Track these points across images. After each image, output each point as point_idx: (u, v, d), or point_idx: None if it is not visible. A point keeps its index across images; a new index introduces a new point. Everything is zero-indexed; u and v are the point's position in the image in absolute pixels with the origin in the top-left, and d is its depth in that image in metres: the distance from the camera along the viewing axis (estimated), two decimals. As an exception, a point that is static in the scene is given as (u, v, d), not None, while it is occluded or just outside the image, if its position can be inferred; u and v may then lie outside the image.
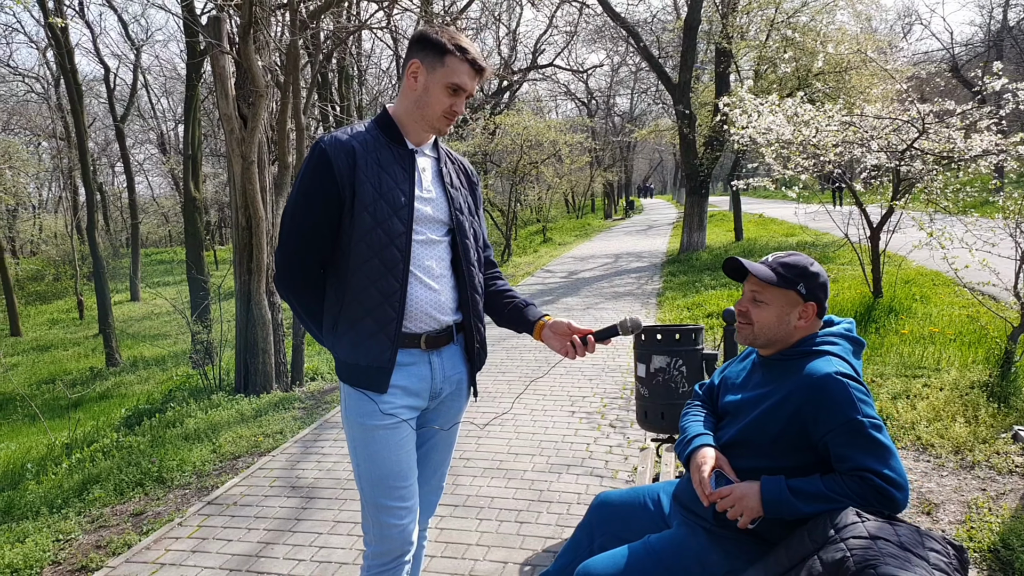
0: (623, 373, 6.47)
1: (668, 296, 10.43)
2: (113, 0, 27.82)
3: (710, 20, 16.06)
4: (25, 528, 4.04)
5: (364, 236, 2.01)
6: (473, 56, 2.06)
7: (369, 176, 2.02)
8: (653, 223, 30.40)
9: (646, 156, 57.39)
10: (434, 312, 2.13)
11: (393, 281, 2.04)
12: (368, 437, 2.07)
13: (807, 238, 16.06)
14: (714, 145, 14.97)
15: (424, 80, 2.05)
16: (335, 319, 2.09)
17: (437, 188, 2.18)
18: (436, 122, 2.09)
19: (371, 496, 2.09)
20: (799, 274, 2.13)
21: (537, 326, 2.24)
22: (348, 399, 2.12)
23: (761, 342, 2.18)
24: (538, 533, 3.56)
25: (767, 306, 2.14)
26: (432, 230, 2.14)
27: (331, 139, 2.02)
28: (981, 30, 37.62)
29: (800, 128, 7.12)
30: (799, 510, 1.92)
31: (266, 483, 4.38)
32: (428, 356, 2.15)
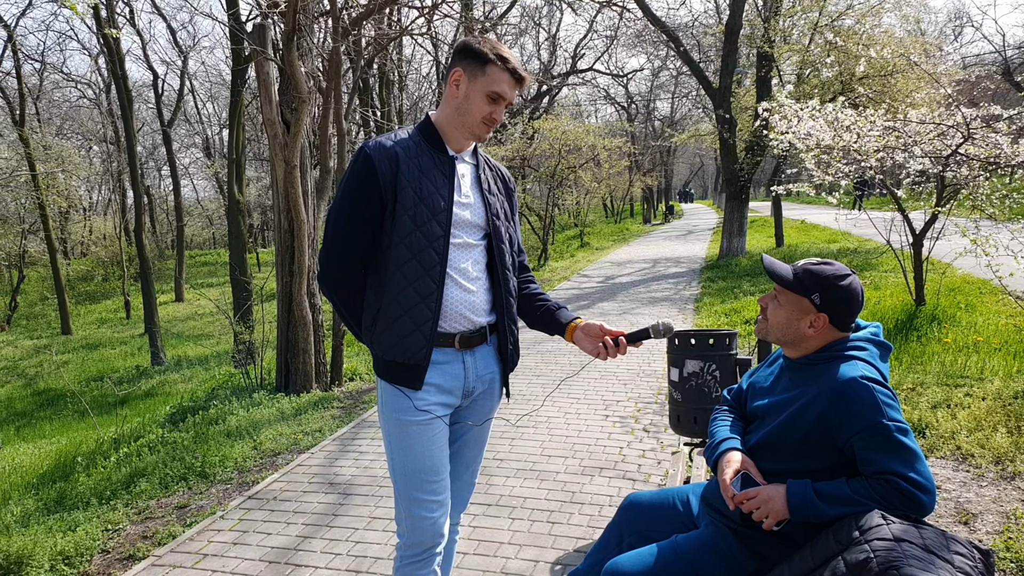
0: (658, 378, 6.47)
1: (706, 302, 10.37)
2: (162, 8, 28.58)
3: (752, 24, 15.92)
4: (76, 518, 4.20)
5: (404, 238, 2.09)
6: (514, 66, 2.13)
7: (411, 181, 2.10)
8: (693, 228, 30.16)
9: (687, 161, 56.96)
10: (468, 313, 2.20)
11: (430, 282, 2.11)
12: (403, 432, 2.15)
13: (849, 245, 15.79)
14: (755, 150, 14.83)
15: (465, 88, 2.13)
16: (374, 317, 2.17)
17: (475, 194, 2.25)
18: (476, 128, 2.16)
19: (404, 489, 2.17)
20: (819, 283, 2.13)
21: (569, 328, 2.30)
22: (384, 394, 2.20)
23: (772, 339, 2.23)
24: (569, 533, 3.59)
25: (781, 307, 2.19)
26: (469, 234, 2.22)
27: (375, 144, 2.11)
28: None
29: (841, 133, 7.04)
30: (824, 513, 1.94)
31: (305, 479, 4.48)
32: (462, 355, 2.22)
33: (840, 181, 7.19)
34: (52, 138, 26.40)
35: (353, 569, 3.32)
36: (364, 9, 7.83)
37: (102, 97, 31.90)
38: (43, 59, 30.74)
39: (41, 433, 11.41)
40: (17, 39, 22.85)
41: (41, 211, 21.89)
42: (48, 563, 3.58)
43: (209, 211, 42.39)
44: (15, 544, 3.69)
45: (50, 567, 3.57)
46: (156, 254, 33.26)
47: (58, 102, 34.56)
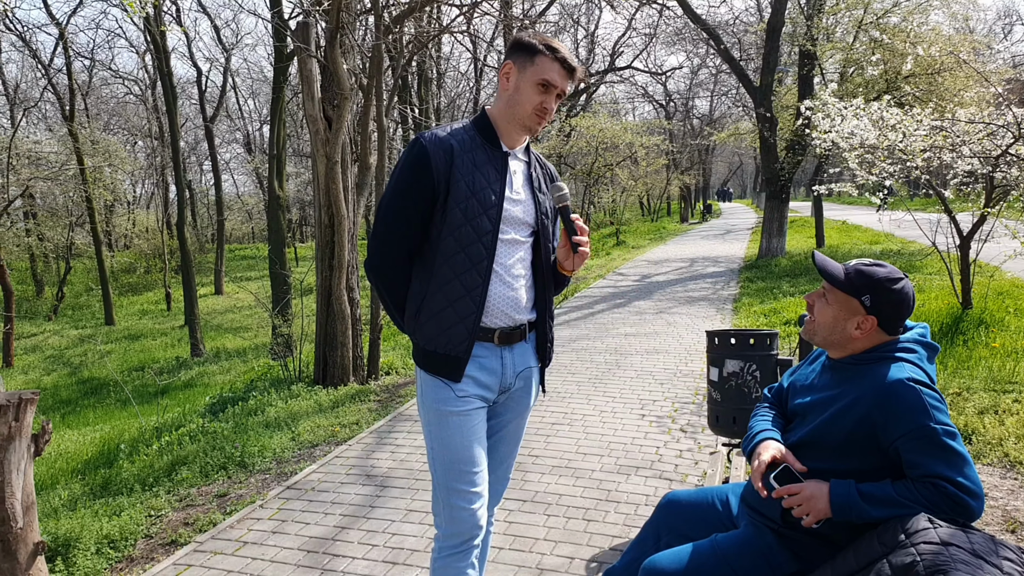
0: (695, 378, 6.41)
1: (744, 302, 10.25)
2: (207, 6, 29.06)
3: (794, 22, 15.67)
4: (120, 503, 4.30)
5: (453, 231, 2.12)
6: (563, 55, 2.14)
7: (464, 174, 2.12)
8: (731, 227, 29.83)
9: (725, 159, 56.36)
10: (510, 310, 2.23)
11: (476, 276, 2.14)
12: (443, 422, 2.18)
13: (892, 246, 15.48)
14: (796, 149, 14.61)
15: (515, 79, 2.15)
16: (418, 307, 2.19)
17: (526, 191, 2.27)
18: (528, 120, 2.16)
19: (443, 479, 2.18)
20: (869, 284, 2.08)
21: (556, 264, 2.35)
22: (424, 385, 2.22)
23: (817, 340, 2.18)
24: (605, 531, 3.59)
25: (828, 306, 2.13)
26: (518, 231, 2.24)
27: (431, 136, 2.13)
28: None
29: (886, 133, 6.90)
30: (868, 514, 1.92)
31: (342, 471, 4.54)
32: (500, 351, 2.24)
33: (884, 181, 7.04)
34: (100, 133, 27.03)
35: (390, 560, 3.35)
36: (406, 7, 7.88)
37: (148, 93, 32.58)
38: (92, 56, 31.51)
39: (85, 420, 11.71)
40: (68, 37, 23.41)
41: (88, 204, 22.43)
42: (94, 546, 3.67)
43: (249, 206, 43.06)
44: (63, 527, 3.80)
45: (96, 550, 3.66)
46: (197, 247, 33.86)
47: (105, 98, 35.40)
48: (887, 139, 6.74)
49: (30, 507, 2.92)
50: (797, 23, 15.51)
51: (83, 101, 28.58)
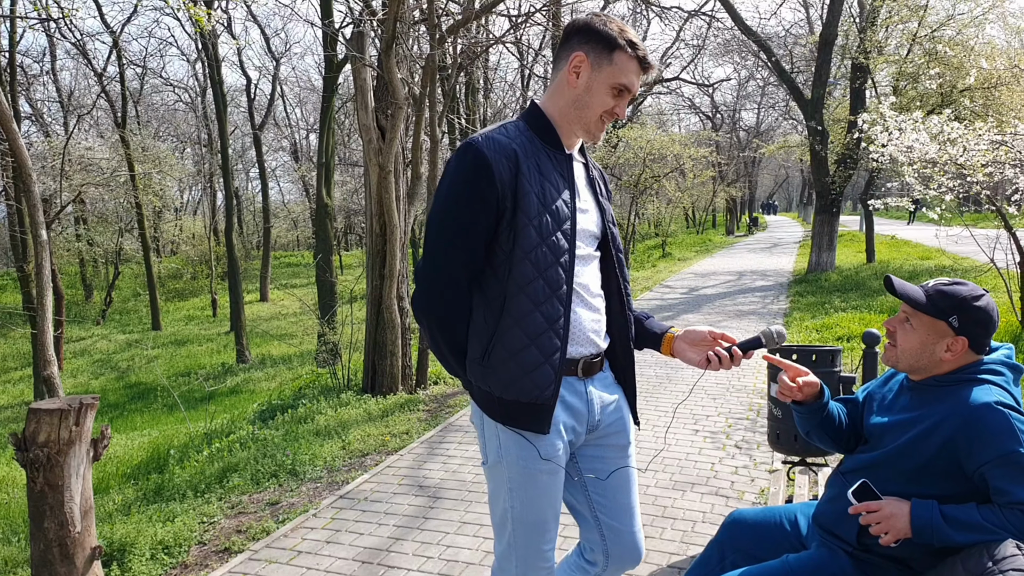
0: (749, 394, 6.30)
1: (795, 316, 10.07)
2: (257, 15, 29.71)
3: (847, 35, 15.44)
4: (173, 509, 4.33)
5: (528, 253, 1.80)
6: (644, 52, 1.84)
7: (532, 185, 1.81)
8: (778, 241, 29.41)
9: (771, 172, 55.66)
10: (593, 335, 1.95)
11: (558, 304, 1.83)
12: (529, 481, 1.90)
13: (945, 262, 15.10)
14: (847, 163, 14.35)
15: (587, 78, 1.83)
16: (485, 348, 1.85)
17: (591, 197, 2.00)
18: (593, 126, 1.88)
19: (523, 538, 1.94)
20: (955, 305, 2.01)
21: (666, 339, 2.07)
22: (503, 437, 1.90)
23: (903, 367, 2.10)
24: (662, 548, 3.52)
25: (913, 331, 2.05)
26: (589, 243, 1.96)
27: (487, 139, 1.79)
28: None
29: (946, 147, 6.74)
30: (950, 538, 1.86)
31: (394, 481, 4.54)
32: (584, 384, 1.96)
33: (945, 196, 6.87)
34: (150, 140, 27.72)
35: (445, 573, 3.33)
36: (461, 17, 7.95)
37: (197, 101, 33.34)
38: (144, 64, 32.34)
39: (132, 425, 11.94)
40: (121, 45, 24.08)
41: (137, 210, 22.94)
42: (149, 552, 3.69)
43: (295, 214, 43.74)
44: (119, 531, 3.84)
45: (151, 555, 3.68)
46: (243, 254, 34.47)
47: (156, 105, 36.30)
48: (948, 153, 6.57)
49: (88, 512, 2.96)
50: (849, 36, 15.28)
51: (134, 108, 29.33)
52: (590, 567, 2.19)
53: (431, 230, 1.85)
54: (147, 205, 23.65)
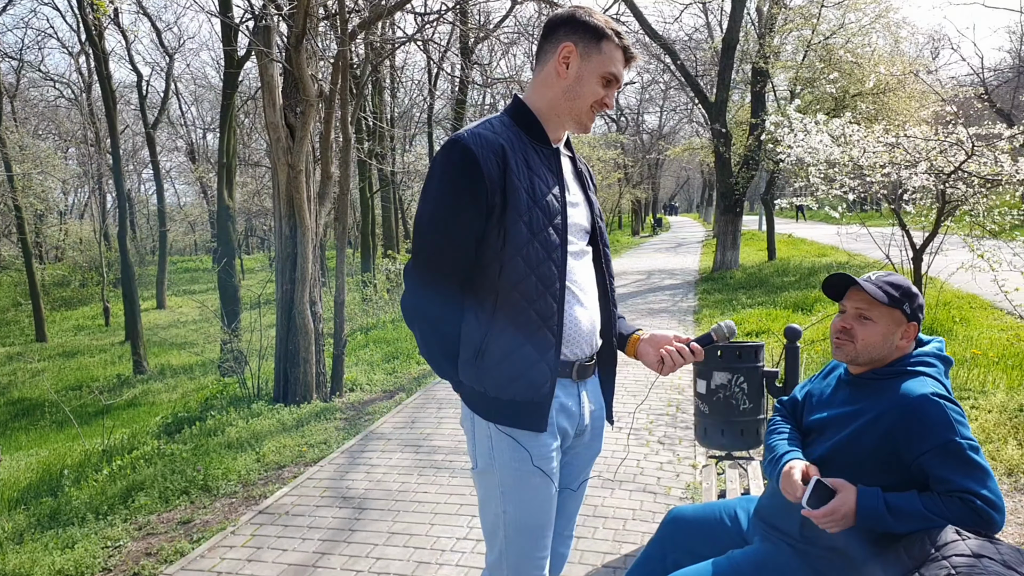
0: (668, 390, 6.40)
1: (705, 314, 10.34)
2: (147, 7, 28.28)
3: (747, 40, 16.05)
4: (72, 534, 4.02)
5: (520, 250, 1.77)
6: (628, 42, 1.85)
7: (522, 180, 1.78)
8: (682, 241, 30.31)
9: (673, 174, 57.34)
10: (588, 335, 1.92)
11: (551, 301, 1.80)
12: (523, 483, 1.84)
13: (840, 258, 15.90)
14: (749, 164, 14.91)
15: (578, 67, 1.81)
16: (478, 347, 1.82)
17: (579, 191, 1.97)
18: (584, 116, 1.86)
19: (517, 544, 1.88)
20: (905, 294, 2.12)
21: (631, 340, 2.05)
22: (496, 439, 1.85)
23: (863, 360, 2.14)
24: (596, 548, 3.51)
25: (874, 324, 2.11)
26: (580, 238, 1.93)
27: (473, 135, 1.76)
28: (1010, 55, 37.32)
29: (848, 149, 7.07)
30: (892, 526, 1.91)
31: (316, 493, 4.35)
32: (578, 387, 1.93)
33: (848, 195, 7.20)
34: (28, 138, 25.92)
35: (377, 588, 3.20)
36: (372, 13, 7.76)
37: (82, 97, 31.42)
38: (21, 57, 30.26)
39: (16, 444, 11.10)
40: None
41: (17, 213, 21.39)
42: (49, 581, 3.42)
43: (192, 216, 41.91)
44: (11, 562, 3.54)
45: (50, 586, 3.41)
46: (137, 260, 32.77)
47: (33, 101, 33.94)
48: (849, 156, 6.88)
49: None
50: (750, 40, 15.88)
51: (10, 104, 27.37)
52: None
53: (420, 230, 1.80)
54: (27, 208, 22.09)
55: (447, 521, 3.84)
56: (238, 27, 10.78)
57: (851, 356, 2.15)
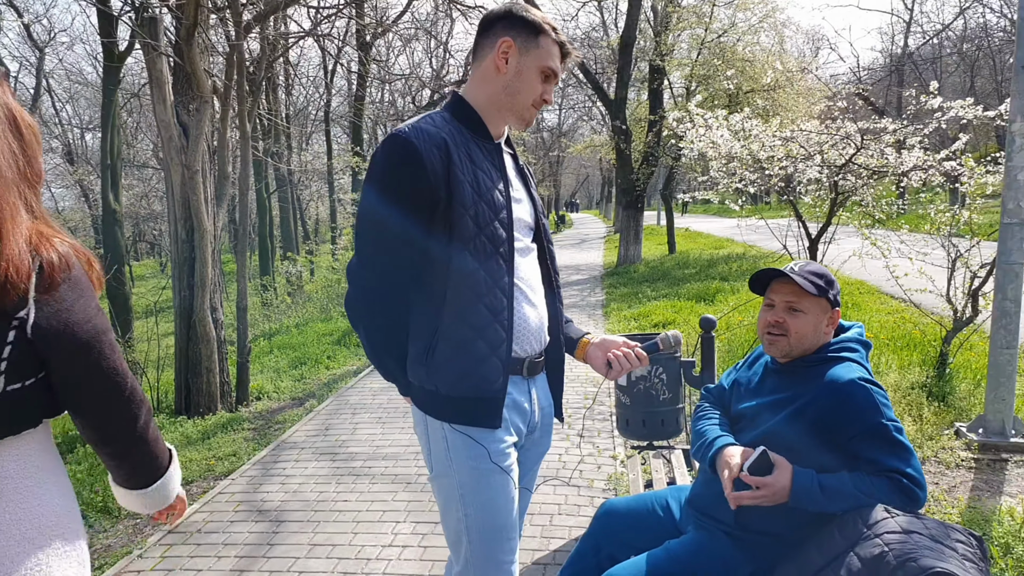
0: (582, 383, 6.46)
1: (613, 307, 10.51)
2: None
3: (644, 38, 16.42)
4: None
5: (467, 244, 1.74)
6: (564, 38, 1.85)
7: (465, 174, 1.75)
8: (585, 237, 30.78)
9: (573, 172, 58.22)
10: (537, 331, 1.90)
11: (501, 296, 1.78)
12: (482, 483, 1.80)
13: (737, 250, 16.54)
14: (649, 160, 15.27)
15: (517, 62, 1.80)
16: (429, 344, 1.78)
17: (522, 187, 1.95)
18: (526, 112, 1.85)
19: (483, 549, 1.83)
20: (828, 282, 2.18)
21: (580, 344, 2.06)
22: (451, 439, 1.81)
23: (796, 353, 2.18)
24: (524, 545, 3.48)
25: (805, 315, 2.16)
26: (525, 234, 1.91)
27: (414, 129, 1.72)
28: (882, 55, 39.87)
29: (749, 144, 7.32)
30: (824, 505, 1.97)
31: (229, 508, 4.13)
32: (528, 384, 1.92)
33: (749, 188, 7.46)
34: None
35: (301, 603, 3.06)
36: (267, 6, 7.47)
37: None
38: None
39: None
40: None
41: None
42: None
43: (73, 222, 39.35)
44: None
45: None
46: (12, 269, 30.40)
47: None
48: (749, 150, 7.13)
49: None
50: (646, 39, 16.27)
51: None
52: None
53: (363, 227, 1.75)
54: None
55: (371, 529, 3.72)
56: (119, 18, 10.17)
57: (785, 351, 2.18)
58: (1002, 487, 4.02)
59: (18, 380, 1.22)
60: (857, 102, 21.13)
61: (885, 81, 33.78)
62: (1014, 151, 4.41)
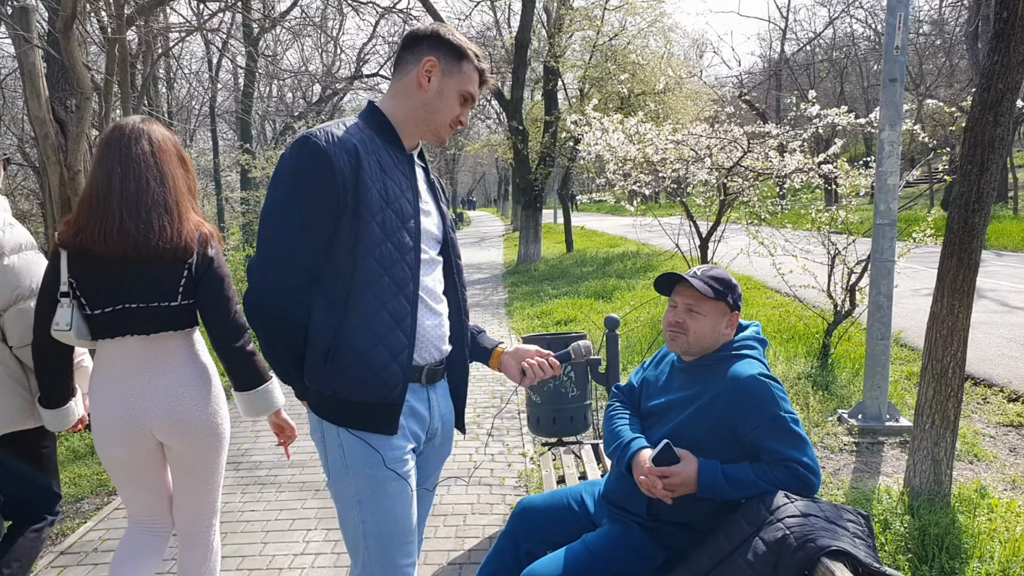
0: (489, 382, 6.52)
1: (516, 306, 10.64)
2: None
3: (538, 39, 16.65)
4: None
5: (372, 250, 1.76)
6: (486, 66, 1.94)
7: (374, 181, 1.77)
8: (484, 235, 30.93)
9: (469, 169, 58.26)
10: (438, 341, 1.95)
11: (404, 303, 1.81)
12: (379, 489, 1.82)
13: (631, 248, 17.05)
14: (547, 161, 15.51)
15: (439, 83, 1.85)
16: (329, 349, 1.79)
17: (431, 200, 1.98)
18: (442, 130, 1.91)
19: (380, 555, 1.84)
20: (727, 286, 2.31)
21: (495, 354, 2.14)
22: (347, 445, 1.83)
23: (695, 351, 2.32)
24: (439, 547, 3.50)
25: (703, 317, 2.29)
26: (432, 246, 1.94)
27: (325, 133, 1.74)
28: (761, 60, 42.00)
29: (643, 147, 7.58)
30: (729, 494, 2.10)
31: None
32: (427, 391, 1.95)
33: (644, 190, 7.72)
34: None
35: (212, 619, 2.97)
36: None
37: None
38: None
39: None
40: None
41: None
42: None
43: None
44: None
45: None
46: None
47: None
48: (643, 153, 7.38)
49: None
50: (541, 40, 16.50)
51: None
52: None
53: (267, 227, 1.75)
54: None
55: (281, 538, 3.65)
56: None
57: (684, 348, 2.32)
58: (880, 467, 4.36)
59: (188, 298, 2.27)
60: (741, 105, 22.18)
61: (765, 85, 35.64)
62: (884, 157, 4.78)
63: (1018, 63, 3.19)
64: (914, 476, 3.62)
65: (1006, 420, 5.15)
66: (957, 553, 3.04)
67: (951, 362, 3.47)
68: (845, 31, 36.14)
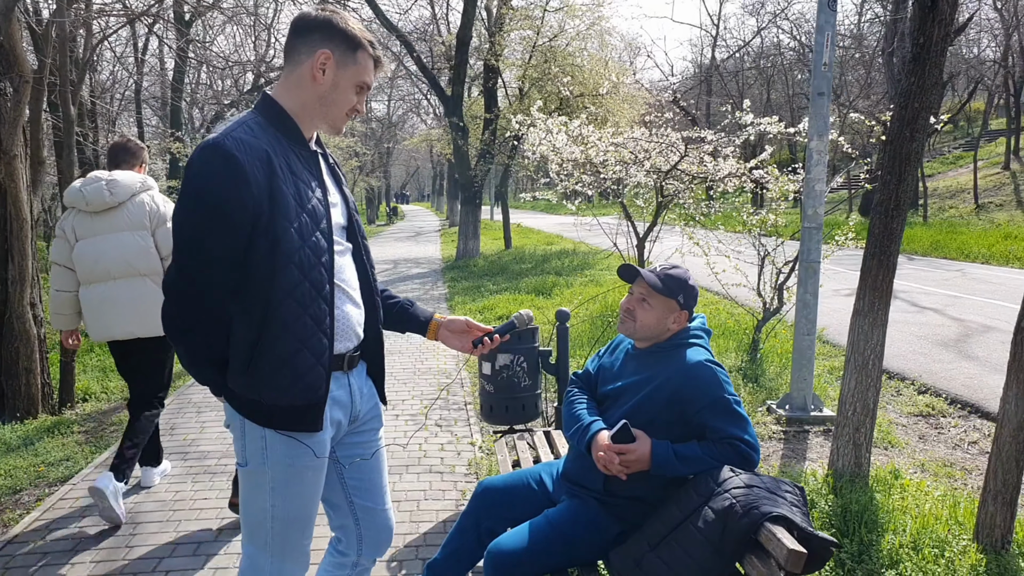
0: (435, 375, 6.63)
1: (457, 301, 10.75)
2: None
3: (479, 37, 16.76)
4: None
5: (291, 257, 1.75)
6: (379, 52, 1.92)
7: (288, 186, 1.76)
8: (420, 230, 30.82)
9: (403, 163, 57.83)
10: (355, 327, 1.97)
11: (323, 304, 1.83)
12: (294, 478, 1.88)
13: (567, 246, 17.35)
14: (486, 158, 15.64)
15: (334, 75, 1.83)
16: (250, 356, 1.78)
17: (335, 189, 1.98)
18: (338, 121, 1.90)
19: (285, 534, 1.92)
20: (680, 286, 2.50)
21: (432, 326, 2.21)
22: (270, 440, 1.85)
23: (640, 336, 2.53)
24: (396, 531, 3.60)
25: (651, 309, 2.49)
26: (341, 237, 1.97)
27: (235, 140, 1.70)
28: (692, 65, 43.10)
29: (587, 149, 7.80)
30: (679, 470, 2.31)
31: (76, 513, 3.90)
32: (347, 378, 1.99)
33: (587, 190, 7.95)
34: None
35: (173, 602, 3.02)
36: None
37: None
38: None
39: None
40: None
41: None
42: None
43: None
44: None
45: None
46: None
47: None
48: (586, 155, 7.61)
49: None
50: (482, 37, 16.62)
51: None
52: (344, 558, 2.22)
53: (181, 239, 1.72)
54: None
55: (236, 525, 3.70)
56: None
57: (630, 331, 2.54)
58: (806, 454, 4.69)
59: None
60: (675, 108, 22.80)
61: (696, 90, 36.62)
62: (812, 165, 5.11)
63: (932, 85, 3.50)
64: (837, 459, 3.92)
65: (916, 410, 5.57)
66: (874, 527, 3.33)
67: (871, 354, 3.78)
68: (772, 40, 37.50)
